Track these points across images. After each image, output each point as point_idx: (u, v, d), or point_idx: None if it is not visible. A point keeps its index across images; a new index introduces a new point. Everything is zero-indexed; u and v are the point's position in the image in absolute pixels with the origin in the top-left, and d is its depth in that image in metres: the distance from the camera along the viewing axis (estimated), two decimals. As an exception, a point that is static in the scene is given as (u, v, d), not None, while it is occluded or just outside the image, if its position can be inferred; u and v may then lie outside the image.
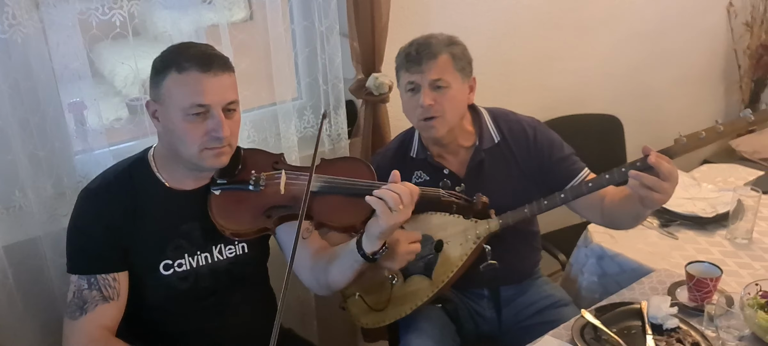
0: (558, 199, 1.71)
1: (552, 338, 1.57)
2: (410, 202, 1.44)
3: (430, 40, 1.73)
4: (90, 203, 1.47)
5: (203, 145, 1.43)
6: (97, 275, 1.44)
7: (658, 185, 1.49)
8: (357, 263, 1.53)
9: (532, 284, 1.97)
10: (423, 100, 1.70)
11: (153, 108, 1.45)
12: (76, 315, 1.43)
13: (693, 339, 1.51)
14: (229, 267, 1.58)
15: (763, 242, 1.98)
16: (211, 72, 1.40)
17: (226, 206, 1.50)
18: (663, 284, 1.74)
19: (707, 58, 3.51)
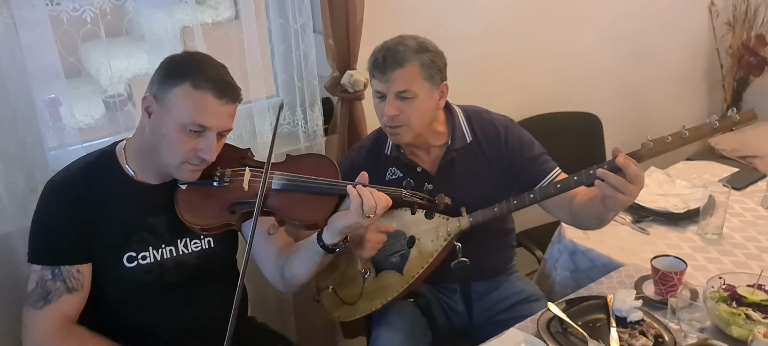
0: (527, 199, 1.72)
1: (517, 331, 1.59)
2: (381, 213, 1.49)
3: (398, 47, 1.71)
4: (54, 195, 1.49)
5: (186, 160, 1.46)
6: (61, 267, 1.46)
7: (623, 186, 1.51)
8: (317, 255, 1.57)
9: (506, 279, 1.99)
10: (387, 111, 1.71)
11: (149, 103, 1.46)
12: (39, 305, 1.45)
13: (656, 331, 1.53)
14: (196, 262, 1.59)
15: (733, 237, 2.00)
16: (224, 100, 1.44)
17: (191, 200, 1.52)
18: (631, 278, 1.77)
19: (689, 57, 3.53)
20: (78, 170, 1.51)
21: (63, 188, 1.49)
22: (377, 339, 1.79)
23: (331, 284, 1.87)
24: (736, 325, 1.47)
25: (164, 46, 1.86)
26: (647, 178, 2.26)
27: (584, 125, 2.80)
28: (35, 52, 1.64)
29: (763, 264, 1.74)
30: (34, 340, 1.46)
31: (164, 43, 1.88)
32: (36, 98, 1.72)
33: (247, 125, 2.03)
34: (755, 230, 2.03)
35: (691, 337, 1.49)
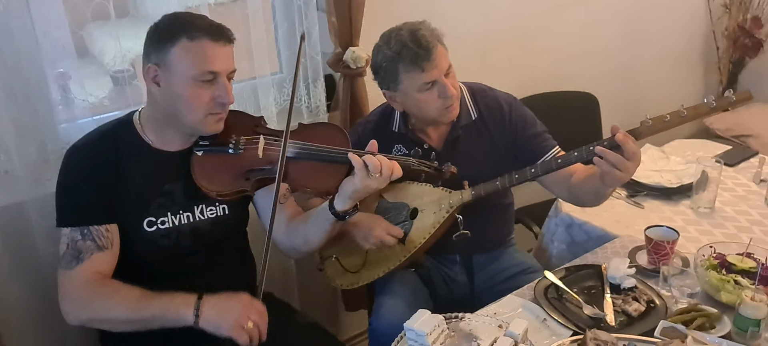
0: (529, 173, 1.77)
1: (515, 297, 1.65)
2: (388, 175, 1.54)
3: (421, 34, 1.72)
4: (78, 158, 1.54)
5: (208, 111, 1.51)
6: (90, 226, 1.51)
7: (621, 163, 1.55)
8: (328, 222, 1.62)
9: (505, 252, 2.05)
10: (449, 92, 1.75)
11: (153, 73, 1.49)
12: (72, 265, 1.50)
13: (648, 297, 1.59)
14: (210, 228, 1.65)
15: (725, 211, 2.06)
16: (220, 42, 1.48)
17: (207, 167, 1.57)
18: (625, 248, 1.82)
19: (686, 39, 3.57)
20: (98, 137, 1.57)
21: (86, 152, 1.54)
22: (380, 307, 1.85)
23: (334, 253, 1.93)
24: (726, 291, 1.53)
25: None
26: (643, 154, 2.30)
27: (582, 104, 2.84)
28: (46, 25, 1.68)
29: (754, 236, 1.80)
30: (71, 297, 1.51)
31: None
32: (47, 71, 1.77)
33: (252, 100, 2.07)
34: (746, 204, 2.08)
35: (682, 302, 1.54)
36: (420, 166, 1.64)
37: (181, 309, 1.48)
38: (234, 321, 1.46)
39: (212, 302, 1.49)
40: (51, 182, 1.72)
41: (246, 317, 1.47)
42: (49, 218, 1.72)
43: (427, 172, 1.66)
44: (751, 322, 1.40)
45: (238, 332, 1.45)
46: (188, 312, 1.47)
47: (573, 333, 1.48)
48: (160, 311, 1.49)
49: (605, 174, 1.59)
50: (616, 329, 1.49)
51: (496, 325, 1.43)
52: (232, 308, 1.49)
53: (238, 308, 1.48)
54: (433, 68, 1.73)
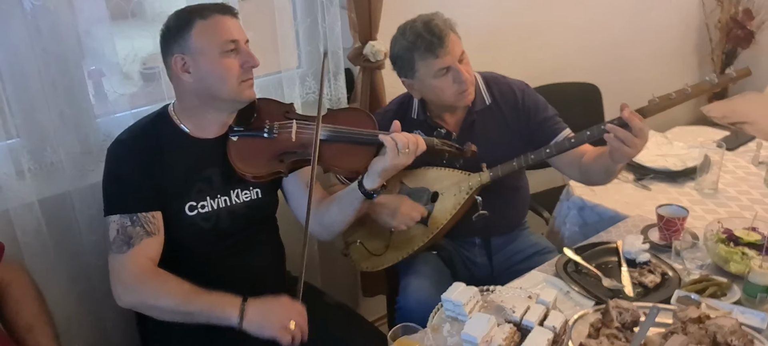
0: (544, 153, 1.87)
1: (538, 272, 1.76)
2: (415, 150, 1.65)
3: (435, 23, 1.84)
4: (123, 150, 1.63)
5: (240, 78, 1.61)
6: (138, 213, 1.60)
7: (629, 139, 1.65)
8: (357, 200, 1.72)
9: (520, 234, 2.16)
10: (464, 76, 1.86)
11: (182, 62, 1.59)
12: (123, 249, 1.58)
13: (662, 270, 1.69)
14: (246, 211, 1.74)
15: (728, 192, 2.17)
16: (228, 14, 1.61)
17: (243, 150, 1.67)
18: (637, 227, 1.93)
19: (681, 32, 3.70)
20: (140, 129, 1.66)
21: (131, 143, 1.64)
22: (408, 286, 1.94)
23: (358, 238, 2.03)
24: (734, 261, 1.64)
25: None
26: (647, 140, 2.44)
27: (585, 95, 2.95)
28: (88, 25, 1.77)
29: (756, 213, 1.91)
30: (123, 282, 1.59)
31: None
32: (84, 68, 1.85)
33: (278, 93, 2.16)
34: (747, 185, 2.21)
35: (694, 274, 1.66)
36: (442, 146, 1.75)
37: (227, 309, 1.55)
38: (277, 322, 1.54)
39: (256, 305, 1.57)
40: (93, 173, 1.82)
41: (288, 318, 1.55)
42: (91, 207, 1.82)
43: (448, 151, 1.77)
44: (759, 288, 1.51)
45: (282, 332, 1.53)
46: (234, 313, 1.54)
47: (595, 303, 1.59)
48: (207, 308, 1.56)
49: (614, 150, 1.69)
50: (634, 299, 1.59)
51: (525, 296, 1.53)
52: (274, 310, 1.56)
53: (281, 310, 1.56)
54: (447, 54, 1.83)
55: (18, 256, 1.71)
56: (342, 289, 2.53)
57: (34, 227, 1.73)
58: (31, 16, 1.65)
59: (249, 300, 1.57)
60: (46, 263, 1.78)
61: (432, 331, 1.44)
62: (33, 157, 1.77)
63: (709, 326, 1.35)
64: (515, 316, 1.40)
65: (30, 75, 1.71)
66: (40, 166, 1.79)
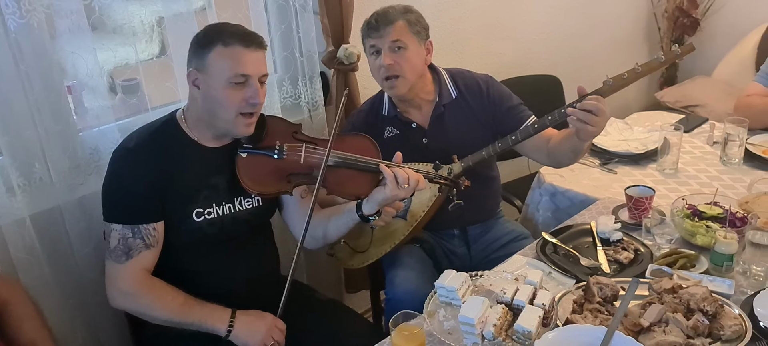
0: (510, 140, 1.97)
1: (520, 256, 1.85)
2: (415, 186, 1.73)
3: (387, 10, 1.98)
4: (129, 159, 1.65)
5: (239, 110, 1.63)
6: (140, 225, 1.63)
7: (590, 118, 1.76)
8: (353, 221, 1.81)
9: (496, 223, 2.25)
10: (383, 61, 1.95)
11: (194, 77, 1.64)
12: (122, 260, 1.63)
13: (634, 246, 1.81)
14: (248, 217, 1.79)
15: (687, 170, 2.32)
16: (251, 47, 1.62)
17: (252, 168, 1.71)
18: (607, 208, 2.05)
19: (631, 22, 3.88)
20: (148, 135, 1.68)
21: (137, 152, 1.65)
22: (394, 278, 2.02)
23: (342, 238, 2.09)
24: (700, 234, 1.77)
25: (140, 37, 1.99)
26: (609, 126, 2.58)
27: (547, 86, 3.07)
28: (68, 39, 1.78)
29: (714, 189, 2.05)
30: (120, 290, 1.65)
31: (139, 34, 1.98)
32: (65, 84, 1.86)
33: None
34: (704, 163, 2.36)
35: (664, 248, 1.78)
36: (437, 179, 1.85)
37: (217, 324, 1.67)
38: (260, 341, 1.68)
39: (243, 321, 1.69)
40: (82, 187, 1.85)
41: (269, 336, 1.69)
42: (81, 221, 1.84)
43: (443, 184, 1.88)
44: (725, 257, 1.64)
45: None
46: (222, 327, 1.67)
47: (576, 281, 1.69)
48: (199, 320, 1.66)
49: (579, 130, 1.80)
50: (611, 275, 1.71)
51: (512, 278, 1.62)
52: (259, 328, 1.69)
53: (264, 329, 1.69)
54: (379, 38, 1.96)
55: (13, 273, 1.72)
56: (326, 287, 2.58)
57: (27, 244, 1.74)
58: (14, 35, 1.66)
59: (238, 314, 1.68)
60: (40, 278, 1.79)
61: (428, 316, 1.52)
62: (22, 174, 1.78)
63: (682, 295, 1.47)
64: (506, 297, 1.49)
65: (14, 94, 1.72)
66: (30, 183, 1.80)
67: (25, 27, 1.66)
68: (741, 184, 2.18)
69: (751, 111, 2.40)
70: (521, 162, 2.93)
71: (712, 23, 3.84)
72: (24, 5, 1.63)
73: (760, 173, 2.21)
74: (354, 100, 2.41)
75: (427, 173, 1.83)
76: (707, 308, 1.42)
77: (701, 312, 1.41)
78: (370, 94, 2.25)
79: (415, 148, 2.04)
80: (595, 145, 2.43)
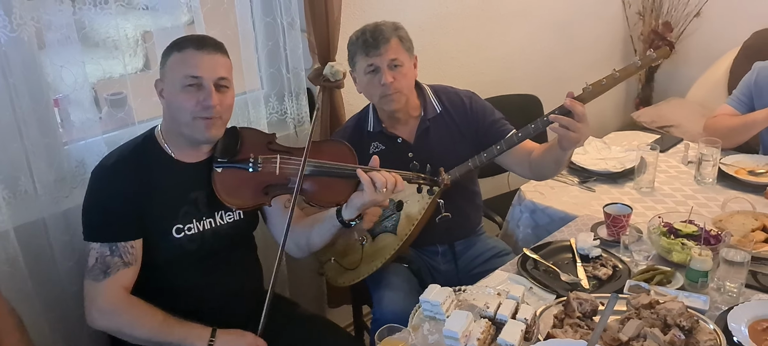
0: (495, 150, 2.01)
1: (501, 272, 1.89)
2: (393, 189, 1.74)
3: (380, 27, 2.01)
4: (106, 178, 1.66)
5: (195, 114, 1.63)
6: (118, 243, 1.63)
7: (573, 125, 1.81)
8: (335, 227, 1.81)
9: (479, 238, 2.30)
10: (385, 79, 1.98)
11: (160, 87, 1.67)
12: (100, 278, 1.62)
13: (613, 263, 1.86)
14: (230, 231, 1.79)
15: (663, 189, 2.38)
16: (204, 50, 1.64)
17: (228, 182, 1.71)
18: (586, 225, 2.10)
19: (608, 44, 3.98)
20: (126, 153, 1.69)
21: (115, 169, 1.66)
22: (382, 299, 2.03)
23: (331, 256, 2.11)
24: (676, 251, 1.82)
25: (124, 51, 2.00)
26: (587, 145, 2.64)
27: (527, 105, 3.13)
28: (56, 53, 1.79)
29: (689, 207, 2.11)
30: (99, 308, 1.64)
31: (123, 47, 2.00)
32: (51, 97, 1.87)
33: (244, 114, 2.23)
34: (679, 183, 2.42)
35: (641, 264, 1.83)
36: (418, 180, 1.86)
37: (197, 342, 1.65)
38: None
39: (224, 340, 1.66)
40: (67, 200, 1.85)
41: None
42: (65, 233, 1.84)
43: (423, 183, 1.88)
44: (700, 274, 1.69)
45: None
46: (202, 345, 1.65)
47: (556, 297, 1.73)
48: (179, 339, 1.64)
49: (562, 138, 1.84)
50: (591, 290, 1.75)
51: (494, 293, 1.65)
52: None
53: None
54: (378, 56, 1.98)
55: (-6, 286, 1.71)
56: (309, 301, 2.60)
57: (10, 256, 1.74)
58: (5, 48, 1.67)
59: (217, 333, 1.67)
60: (22, 290, 1.78)
61: (413, 330, 1.54)
62: (7, 187, 1.77)
63: (659, 311, 1.51)
64: (489, 311, 1.53)
65: (1, 106, 1.72)
66: (15, 195, 1.79)
67: (16, 40, 1.67)
68: (715, 203, 2.24)
69: (718, 131, 2.47)
70: (501, 179, 2.98)
71: (686, 46, 3.94)
72: (15, 19, 1.64)
73: (732, 192, 2.28)
74: (339, 117, 2.44)
75: (406, 174, 1.82)
76: (683, 323, 1.46)
77: (678, 327, 1.45)
78: (354, 111, 2.28)
79: (401, 163, 2.06)
80: (573, 163, 2.49)
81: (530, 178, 2.23)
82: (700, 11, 3.83)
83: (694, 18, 3.85)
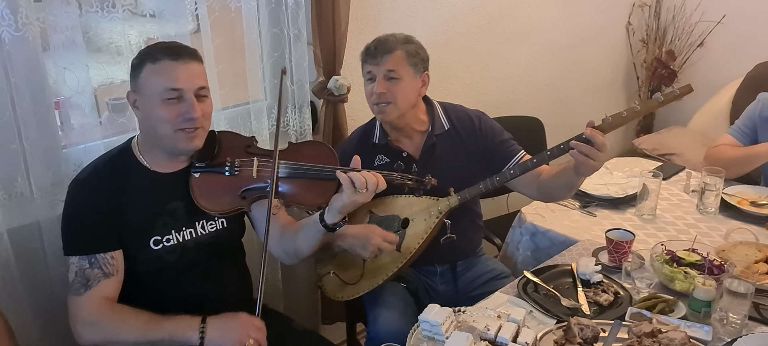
0: (508, 174, 1.99)
1: (501, 294, 1.87)
2: (374, 189, 1.70)
3: (388, 38, 2.01)
4: (81, 191, 1.63)
5: (177, 126, 1.60)
6: (97, 255, 1.60)
7: (593, 153, 1.80)
8: (319, 233, 1.77)
9: (479, 260, 2.27)
10: (376, 88, 1.98)
11: (133, 98, 1.64)
12: (81, 292, 1.59)
13: (614, 289, 1.84)
14: (211, 240, 1.76)
15: (665, 216, 2.36)
16: (181, 60, 1.59)
17: (205, 187, 1.68)
18: (587, 250, 2.08)
19: (611, 70, 3.99)
20: (102, 166, 1.66)
21: (89, 183, 1.63)
22: (378, 318, 2.00)
23: (331, 269, 2.08)
24: (679, 280, 1.80)
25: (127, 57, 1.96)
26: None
27: (529, 127, 3.12)
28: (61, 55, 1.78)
29: (691, 236, 2.10)
30: (83, 321, 1.60)
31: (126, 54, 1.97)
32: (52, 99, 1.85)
33: (246, 124, 2.22)
34: (682, 211, 2.41)
35: (643, 292, 1.81)
36: (403, 180, 1.82)
37: (187, 333, 1.60)
38: (236, 340, 1.58)
39: (215, 324, 1.61)
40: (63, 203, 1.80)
41: (246, 334, 1.59)
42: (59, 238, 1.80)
43: (409, 184, 1.84)
44: (703, 304, 1.66)
45: None
46: (194, 335, 1.59)
47: (557, 321, 1.71)
48: (168, 334, 1.60)
49: (580, 164, 1.83)
50: (591, 316, 1.72)
51: (495, 315, 1.63)
52: (233, 328, 1.60)
53: (239, 328, 1.60)
54: (375, 65, 1.99)
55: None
56: (303, 317, 2.56)
57: (2, 258, 1.71)
58: (9, 47, 1.65)
59: (208, 320, 1.61)
60: (13, 293, 1.75)
61: (411, 350, 1.52)
62: (3, 188, 1.75)
63: (661, 340, 1.49)
64: (490, 334, 1.50)
65: (1, 106, 1.70)
66: (10, 197, 1.77)
67: (20, 40, 1.65)
68: (717, 232, 2.23)
69: (720, 161, 2.46)
70: (500, 200, 2.97)
71: (688, 76, 3.95)
72: (21, 19, 1.63)
73: (735, 222, 2.26)
74: (342, 132, 2.43)
75: (391, 174, 1.79)
76: (686, 353, 1.45)
77: (680, 357, 1.44)
78: (357, 126, 2.27)
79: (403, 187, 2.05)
80: (575, 187, 2.47)
81: (536, 199, 2.21)
82: (703, 41, 3.85)
83: (698, 48, 3.87)
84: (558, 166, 1.97)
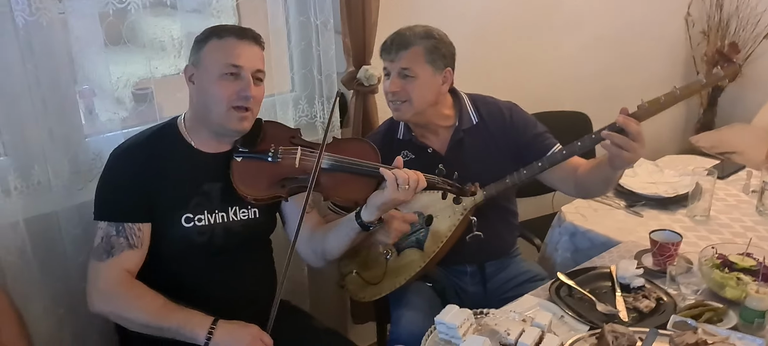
0: (536, 167, 1.87)
1: (532, 297, 1.74)
2: (415, 187, 1.64)
3: (406, 32, 1.91)
4: (121, 159, 1.65)
5: (231, 104, 1.61)
6: (124, 224, 1.60)
7: (627, 144, 1.65)
8: (353, 231, 1.71)
9: (512, 261, 2.14)
10: (390, 86, 1.90)
11: (190, 72, 1.66)
12: (103, 257, 1.59)
13: (657, 295, 1.69)
14: (241, 229, 1.72)
15: (719, 219, 2.18)
16: (245, 40, 1.63)
17: (246, 172, 1.67)
18: (630, 252, 1.93)
19: (669, 64, 3.75)
20: (143, 139, 1.68)
21: (129, 152, 1.65)
22: (400, 318, 1.91)
23: (354, 268, 2.00)
24: (730, 287, 1.63)
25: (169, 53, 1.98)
26: (637, 167, 2.45)
27: (575, 123, 2.96)
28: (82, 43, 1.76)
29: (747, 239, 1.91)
30: (99, 289, 1.60)
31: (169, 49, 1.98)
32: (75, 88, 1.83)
33: (271, 116, 2.15)
34: (739, 213, 2.22)
35: (689, 299, 1.65)
36: (443, 185, 1.74)
37: (196, 329, 1.57)
38: None
39: (225, 328, 1.58)
40: (81, 193, 1.81)
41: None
42: (77, 227, 1.80)
43: (449, 189, 1.76)
44: (756, 313, 1.50)
45: None
46: (201, 333, 1.56)
47: (590, 328, 1.57)
48: (177, 325, 1.57)
49: (614, 157, 1.69)
50: (630, 324, 1.58)
51: (519, 319, 1.51)
52: (242, 338, 1.58)
53: (248, 339, 1.57)
54: (390, 61, 1.90)
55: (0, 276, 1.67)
56: (331, 315, 2.49)
57: (18, 246, 1.70)
58: (23, 32, 1.64)
59: (219, 323, 1.59)
60: (30, 283, 1.74)
61: (426, 354, 1.42)
62: (20, 176, 1.74)
63: (707, 352, 1.34)
64: (510, 339, 1.39)
65: (20, 92, 1.69)
66: (27, 185, 1.76)
67: (35, 24, 1.63)
68: (777, 236, 2.03)
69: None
70: (545, 199, 2.81)
71: (753, 69, 3.67)
72: (34, 2, 1.61)
73: (798, 226, 2.06)
74: (372, 124, 2.34)
75: (431, 177, 1.72)
76: (733, 367, 1.30)
77: (726, 372, 1.29)
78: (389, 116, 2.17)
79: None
80: (621, 185, 2.31)
81: (575, 196, 2.07)
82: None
83: (764, 39, 3.59)
84: (595, 159, 1.82)
